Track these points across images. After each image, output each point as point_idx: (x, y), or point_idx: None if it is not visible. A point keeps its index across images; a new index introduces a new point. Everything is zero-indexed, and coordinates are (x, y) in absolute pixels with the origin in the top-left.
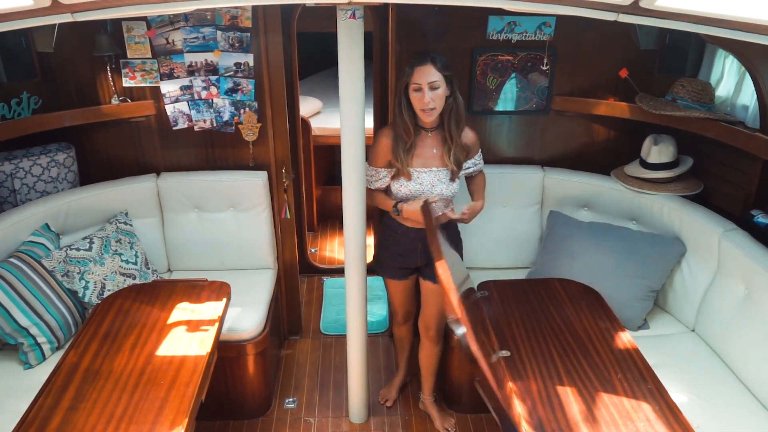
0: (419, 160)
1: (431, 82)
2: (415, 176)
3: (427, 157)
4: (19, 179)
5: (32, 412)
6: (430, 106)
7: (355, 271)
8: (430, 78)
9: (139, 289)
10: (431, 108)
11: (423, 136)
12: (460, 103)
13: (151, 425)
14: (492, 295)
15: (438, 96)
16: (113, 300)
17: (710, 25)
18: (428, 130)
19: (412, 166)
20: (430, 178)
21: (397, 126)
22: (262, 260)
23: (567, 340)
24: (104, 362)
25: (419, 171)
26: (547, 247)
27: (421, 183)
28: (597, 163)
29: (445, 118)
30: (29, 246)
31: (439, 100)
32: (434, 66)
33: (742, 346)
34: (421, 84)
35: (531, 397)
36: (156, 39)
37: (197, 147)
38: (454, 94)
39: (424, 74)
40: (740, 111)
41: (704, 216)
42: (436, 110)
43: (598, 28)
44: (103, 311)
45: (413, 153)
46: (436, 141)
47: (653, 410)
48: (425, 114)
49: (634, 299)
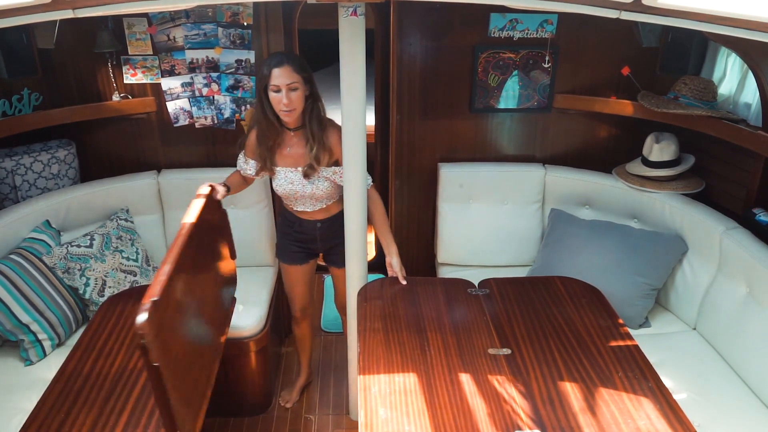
0: (288, 159)
1: (289, 83)
2: (283, 175)
3: (295, 156)
4: (20, 176)
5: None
6: (290, 107)
7: (356, 268)
8: (288, 80)
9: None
10: (291, 108)
11: (288, 137)
12: (319, 103)
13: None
14: (493, 292)
15: (297, 96)
16: (117, 300)
17: (713, 23)
18: (292, 130)
19: (281, 166)
20: (299, 177)
21: (261, 125)
22: (262, 257)
23: (568, 338)
24: (107, 362)
25: (287, 170)
26: (549, 245)
27: (292, 182)
28: (598, 161)
29: (307, 117)
30: (30, 242)
31: (298, 100)
32: (292, 67)
33: (744, 345)
34: (279, 86)
35: (531, 395)
36: (157, 35)
37: (198, 144)
38: (314, 94)
39: (281, 76)
40: (743, 109)
41: (706, 214)
42: (296, 111)
43: (600, 26)
44: (104, 311)
45: (281, 153)
46: (301, 141)
47: (654, 408)
48: (285, 114)
49: (635, 297)
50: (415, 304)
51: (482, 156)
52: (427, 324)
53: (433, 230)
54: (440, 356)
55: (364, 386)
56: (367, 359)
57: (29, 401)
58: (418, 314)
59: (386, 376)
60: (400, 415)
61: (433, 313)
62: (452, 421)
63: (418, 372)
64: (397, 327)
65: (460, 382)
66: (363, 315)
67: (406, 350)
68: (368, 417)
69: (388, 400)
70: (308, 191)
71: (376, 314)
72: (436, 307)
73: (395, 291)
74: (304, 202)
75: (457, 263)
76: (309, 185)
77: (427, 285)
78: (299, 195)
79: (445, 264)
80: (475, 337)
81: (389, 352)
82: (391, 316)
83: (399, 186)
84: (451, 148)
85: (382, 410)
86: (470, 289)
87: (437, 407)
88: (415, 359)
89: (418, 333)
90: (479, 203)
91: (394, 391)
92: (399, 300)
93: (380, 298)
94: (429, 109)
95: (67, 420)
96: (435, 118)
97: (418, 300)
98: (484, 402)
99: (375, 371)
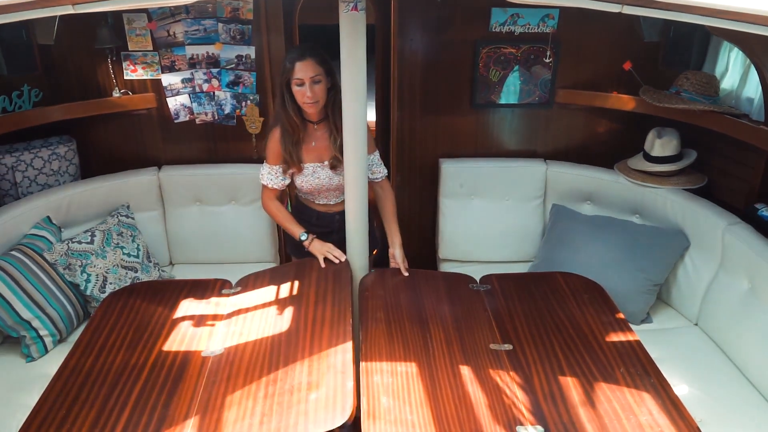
0: (313, 154)
1: (312, 76)
2: (311, 170)
3: (320, 150)
4: (21, 172)
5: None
6: (314, 99)
7: (359, 266)
8: (311, 72)
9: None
10: (315, 101)
11: (311, 130)
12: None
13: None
14: (494, 288)
15: (320, 89)
16: (118, 296)
17: (715, 17)
18: (315, 123)
19: (307, 162)
20: (326, 171)
21: (283, 122)
22: (263, 254)
23: (569, 333)
24: (108, 359)
25: (314, 165)
26: (550, 240)
27: (319, 177)
28: (600, 156)
29: (329, 110)
30: (31, 239)
31: (321, 92)
32: (314, 60)
33: (746, 340)
34: (303, 79)
35: (533, 390)
36: (157, 31)
37: (199, 140)
38: (336, 85)
39: (304, 69)
40: (745, 104)
41: (708, 209)
42: (320, 103)
43: (601, 21)
44: (105, 307)
45: (306, 148)
46: (325, 134)
47: (656, 404)
48: (309, 106)
49: (637, 293)
50: (416, 297)
51: (483, 151)
52: (429, 317)
53: (434, 226)
54: (442, 349)
55: (367, 374)
56: (369, 348)
57: (31, 397)
58: (420, 307)
59: (388, 365)
60: (402, 404)
61: (435, 306)
62: (454, 412)
63: (420, 363)
64: (399, 318)
65: (462, 376)
66: (365, 305)
67: (408, 341)
68: (371, 404)
69: (390, 389)
70: (334, 183)
71: (378, 304)
72: (437, 301)
73: (397, 282)
74: (327, 196)
75: (458, 259)
76: (336, 177)
77: (428, 278)
78: (325, 188)
79: (446, 260)
80: (476, 332)
81: (391, 342)
82: (393, 306)
83: (400, 181)
84: (452, 143)
85: (384, 398)
86: (472, 284)
87: (439, 398)
88: (417, 351)
89: (420, 325)
90: (480, 199)
91: (397, 381)
92: (401, 291)
93: (382, 288)
94: (430, 104)
95: (69, 416)
96: (436, 114)
97: (419, 292)
98: (485, 397)
99: (377, 360)
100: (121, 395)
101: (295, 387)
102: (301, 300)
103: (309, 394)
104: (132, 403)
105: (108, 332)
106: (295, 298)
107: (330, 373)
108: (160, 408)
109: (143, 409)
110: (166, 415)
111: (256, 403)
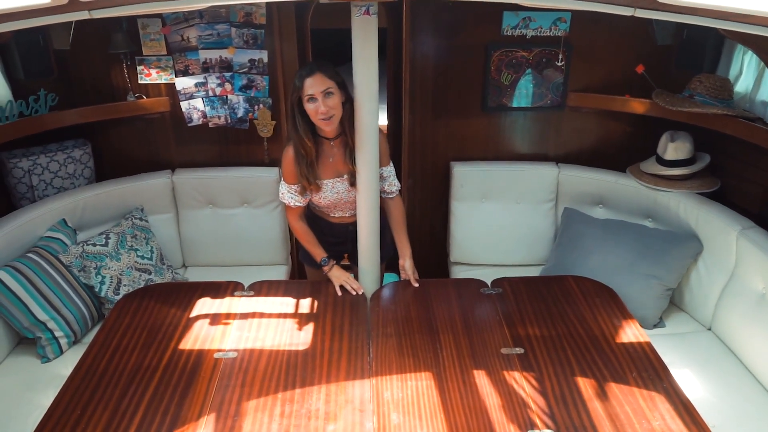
0: (331, 170)
1: (324, 89)
2: (330, 186)
3: (338, 165)
4: (37, 175)
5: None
6: (328, 114)
7: (370, 268)
8: (322, 86)
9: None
10: (330, 116)
11: (328, 146)
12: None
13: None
14: (506, 291)
15: (334, 102)
16: (132, 298)
17: (729, 20)
18: (331, 140)
19: (325, 178)
20: (344, 184)
21: (295, 144)
22: (275, 256)
23: (581, 337)
24: (122, 360)
25: (333, 181)
26: (562, 244)
27: (338, 191)
28: (612, 159)
29: (346, 124)
30: (46, 241)
31: (336, 106)
32: (323, 73)
33: (760, 345)
34: (314, 94)
35: (545, 394)
36: (171, 36)
37: (212, 143)
38: (350, 98)
39: (315, 84)
40: (759, 107)
41: (721, 214)
42: (336, 117)
43: (614, 24)
44: (119, 309)
45: (324, 165)
46: (342, 149)
47: (669, 409)
48: (325, 123)
49: (649, 297)
50: (427, 307)
51: (495, 155)
52: (440, 326)
53: (445, 229)
54: (453, 358)
55: (377, 391)
56: (379, 364)
57: (46, 397)
58: (431, 316)
59: (398, 380)
60: (412, 419)
61: (446, 314)
62: (464, 423)
63: (431, 375)
64: (409, 330)
65: (473, 383)
66: (376, 320)
67: (418, 354)
68: (381, 422)
69: (400, 405)
70: (352, 196)
71: (388, 318)
72: (448, 309)
73: (407, 294)
74: (343, 208)
75: (469, 262)
76: (354, 191)
77: (439, 287)
78: (343, 202)
79: (457, 263)
80: (487, 336)
81: (401, 356)
82: (404, 319)
83: (411, 185)
84: (463, 146)
85: (394, 415)
86: (483, 288)
87: (449, 409)
88: (427, 362)
89: (431, 335)
90: (492, 202)
91: (407, 395)
92: (411, 304)
93: (393, 302)
94: (441, 108)
95: (84, 416)
96: (447, 117)
97: (430, 302)
98: (497, 402)
99: (387, 374)
100: (134, 396)
101: (312, 413)
102: (318, 324)
103: (327, 424)
104: (146, 404)
105: (122, 333)
106: (311, 318)
107: (348, 408)
108: (173, 408)
109: (157, 409)
110: (179, 415)
111: (272, 420)
